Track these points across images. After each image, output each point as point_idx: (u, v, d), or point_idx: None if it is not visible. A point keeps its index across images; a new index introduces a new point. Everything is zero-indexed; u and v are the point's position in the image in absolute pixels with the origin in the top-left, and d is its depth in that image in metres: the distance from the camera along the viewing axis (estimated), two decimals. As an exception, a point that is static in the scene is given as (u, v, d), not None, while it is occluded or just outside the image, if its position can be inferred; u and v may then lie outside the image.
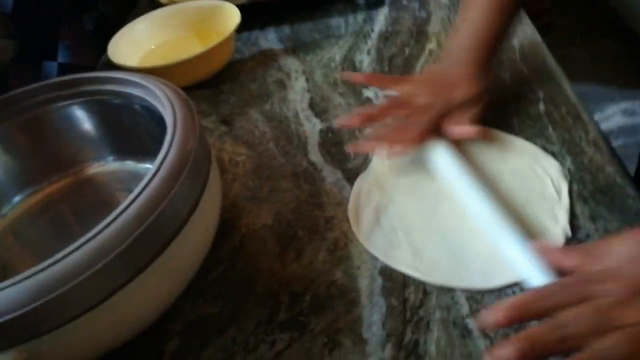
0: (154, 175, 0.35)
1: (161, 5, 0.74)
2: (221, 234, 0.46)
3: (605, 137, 0.48)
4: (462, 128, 0.47)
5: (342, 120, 0.51)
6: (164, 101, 0.41)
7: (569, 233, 0.39)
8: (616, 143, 1.42)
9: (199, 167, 0.38)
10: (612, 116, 1.49)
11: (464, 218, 0.42)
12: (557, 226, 0.40)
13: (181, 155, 0.36)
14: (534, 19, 0.67)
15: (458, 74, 0.49)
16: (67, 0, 0.72)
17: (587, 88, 1.63)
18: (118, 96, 0.44)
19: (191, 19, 0.72)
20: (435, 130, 0.47)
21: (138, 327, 0.38)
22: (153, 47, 0.70)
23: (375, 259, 0.41)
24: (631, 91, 1.58)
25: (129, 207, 0.33)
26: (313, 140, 0.54)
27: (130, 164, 0.49)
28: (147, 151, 0.44)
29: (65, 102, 0.46)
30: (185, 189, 0.36)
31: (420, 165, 0.48)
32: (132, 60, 0.67)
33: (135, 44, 0.69)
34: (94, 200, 0.48)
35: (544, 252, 0.36)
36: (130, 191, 0.33)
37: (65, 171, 0.48)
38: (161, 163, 0.35)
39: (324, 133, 0.55)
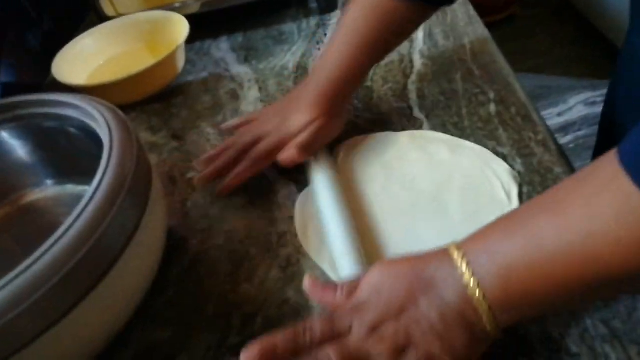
0: (90, 201, 0.33)
1: (109, 18, 0.72)
2: (171, 256, 0.44)
3: (554, 137, 0.48)
4: (283, 154, 0.47)
5: (197, 164, 0.51)
6: (100, 122, 0.40)
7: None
8: (579, 134, 1.45)
9: (138, 188, 0.37)
10: (575, 107, 1.52)
11: (414, 226, 0.42)
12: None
13: (117, 178, 0.35)
14: (498, 11, 0.67)
15: (302, 100, 0.49)
16: (8, 17, 0.69)
17: (550, 80, 1.65)
18: (53, 119, 0.43)
19: (140, 31, 0.70)
20: (268, 160, 0.48)
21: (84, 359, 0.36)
22: (102, 62, 0.68)
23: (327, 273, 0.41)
24: (592, 81, 1.60)
25: (63, 237, 0.31)
26: (266, 152, 0.53)
27: (70, 187, 0.47)
28: (88, 173, 0.43)
29: (-2, 128, 0.44)
30: (123, 213, 0.34)
31: (371, 167, 0.47)
32: (79, 77, 0.65)
33: (83, 60, 0.67)
34: (36, 228, 0.46)
35: (311, 290, 0.36)
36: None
37: (3, 200, 0.46)
38: (97, 187, 0.34)
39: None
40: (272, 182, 0.50)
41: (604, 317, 0.34)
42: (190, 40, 0.66)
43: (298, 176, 0.50)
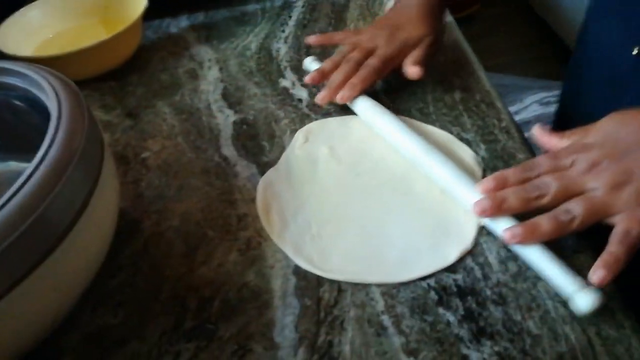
0: (31, 174, 0.31)
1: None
2: (123, 238, 0.42)
3: (517, 124, 0.48)
4: (408, 70, 0.49)
5: (307, 78, 0.51)
6: (49, 92, 0.37)
7: (481, 222, 0.39)
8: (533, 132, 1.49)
9: (89, 164, 0.34)
10: (530, 106, 1.55)
11: (380, 209, 0.41)
12: (470, 214, 0.39)
13: (65, 151, 0.32)
14: (459, 9, 0.68)
15: (406, 16, 0.51)
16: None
17: (508, 80, 1.69)
18: (-4, 88, 0.39)
19: (94, 5, 0.66)
20: (384, 71, 0.50)
21: (25, 344, 0.33)
22: (51, 35, 0.64)
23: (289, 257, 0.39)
24: (548, 82, 1.65)
25: (2, 208, 0.29)
26: (226, 133, 0.51)
27: (13, 165, 0.43)
28: (33, 149, 0.40)
29: None
30: (70, 189, 0.32)
31: (334, 155, 0.46)
32: (25, 50, 0.61)
33: (29, 32, 0.62)
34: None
35: (538, 134, 0.40)
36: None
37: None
38: (41, 160, 0.31)
39: (238, 125, 0.52)
40: (232, 164, 0.48)
41: (564, 299, 0.34)
42: (148, 17, 0.63)
43: (259, 157, 0.48)
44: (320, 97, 0.49)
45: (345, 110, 0.51)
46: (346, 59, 0.50)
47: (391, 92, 0.53)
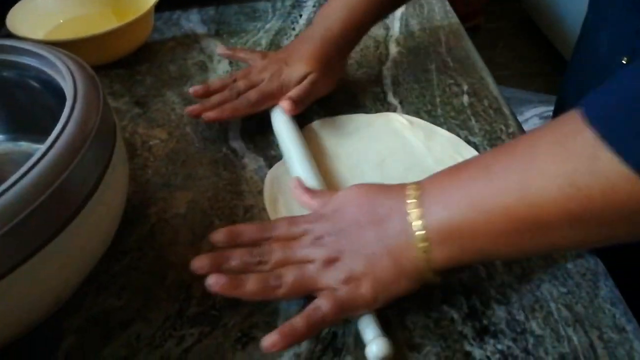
0: (47, 151, 0.31)
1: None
2: (129, 223, 0.42)
3: (524, 131, 0.49)
4: (281, 102, 0.49)
5: (191, 90, 0.51)
6: (64, 73, 0.37)
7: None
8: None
9: (101, 146, 0.34)
10: (530, 119, 1.57)
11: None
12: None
13: (80, 131, 0.32)
14: (463, 20, 0.68)
15: (297, 52, 0.51)
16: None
17: (508, 92, 1.70)
18: (10, 67, 0.39)
19: (106, -7, 0.67)
20: (260, 105, 0.49)
21: (28, 323, 0.33)
22: (62, 21, 0.64)
23: (295, 249, 0.39)
24: (548, 96, 1.66)
25: (13, 186, 0.29)
26: (235, 126, 0.51)
27: (24, 145, 0.43)
28: (45, 131, 0.40)
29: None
30: (82, 169, 0.32)
31: (337, 152, 0.47)
32: (36, 34, 0.61)
33: (41, 16, 0.63)
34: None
35: (294, 188, 0.41)
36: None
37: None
38: (55, 139, 0.31)
39: (247, 119, 0.52)
40: (240, 157, 0.48)
41: (567, 302, 0.35)
42: (159, 9, 0.63)
43: (267, 151, 0.48)
44: (190, 109, 0.49)
45: (352, 108, 0.52)
46: (230, 87, 0.50)
47: (400, 93, 0.54)
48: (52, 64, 0.38)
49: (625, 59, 0.42)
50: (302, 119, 0.51)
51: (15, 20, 0.59)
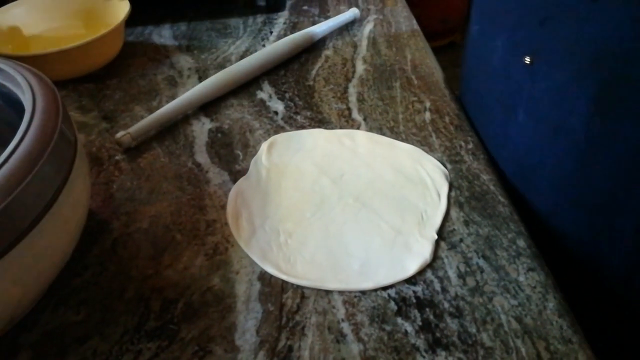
0: (1, 165, 0.31)
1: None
2: (91, 237, 0.42)
3: (484, 146, 0.50)
4: None
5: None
6: (23, 87, 0.37)
7: (435, 236, 0.41)
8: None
9: (60, 160, 0.35)
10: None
11: (343, 220, 0.42)
12: (428, 230, 0.41)
13: (36, 146, 0.33)
14: (439, 37, 0.70)
15: None
16: None
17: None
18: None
19: (78, 8, 0.67)
20: None
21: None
22: (31, 34, 0.65)
23: (256, 263, 0.40)
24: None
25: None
26: (201, 140, 0.52)
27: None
28: (4, 143, 0.40)
29: None
30: (39, 183, 0.32)
31: (300, 167, 0.47)
32: (5, 48, 0.61)
33: (10, 29, 0.63)
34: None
35: None
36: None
37: None
38: (11, 153, 0.32)
39: (213, 133, 0.53)
40: (205, 171, 0.48)
41: (517, 314, 0.36)
42: (131, 24, 0.64)
43: (232, 165, 0.49)
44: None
45: (317, 124, 0.53)
46: None
47: (364, 109, 0.55)
48: (12, 77, 0.39)
49: (527, 58, 0.44)
50: (264, 134, 0.52)
51: (-17, 33, 0.59)
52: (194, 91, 0.55)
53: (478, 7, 0.52)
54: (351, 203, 0.44)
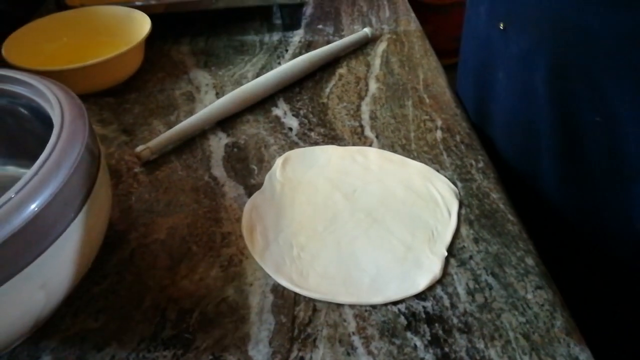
0: (31, 178, 0.32)
1: (67, 7, 0.70)
2: (111, 247, 0.44)
3: (493, 165, 0.51)
4: None
5: None
6: (53, 102, 0.39)
7: (445, 253, 0.41)
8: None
9: (85, 173, 0.36)
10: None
11: (355, 234, 0.43)
12: (439, 246, 0.42)
13: (64, 160, 0.34)
14: (449, 55, 0.72)
15: None
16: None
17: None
18: (2, 95, 0.41)
19: (101, 24, 0.69)
20: None
21: (5, 344, 0.34)
22: (56, 50, 0.67)
23: (269, 275, 0.41)
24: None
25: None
26: (217, 154, 0.54)
27: (11, 169, 0.45)
28: (32, 156, 0.42)
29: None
30: (65, 195, 0.34)
31: (313, 182, 0.49)
32: (30, 62, 0.63)
33: (36, 45, 0.65)
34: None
35: None
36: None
37: None
38: (41, 166, 0.33)
39: (229, 148, 0.54)
40: (221, 185, 0.50)
41: (525, 331, 0.37)
42: (150, 38, 0.66)
43: (247, 180, 0.50)
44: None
45: (331, 141, 0.54)
46: None
47: (377, 127, 0.56)
48: (42, 93, 0.40)
49: (501, 24, 0.49)
50: (279, 149, 0.53)
51: (11, 48, 0.61)
52: (212, 108, 0.56)
53: None
54: (363, 218, 0.45)
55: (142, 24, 0.66)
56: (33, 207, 0.31)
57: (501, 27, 0.49)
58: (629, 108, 0.42)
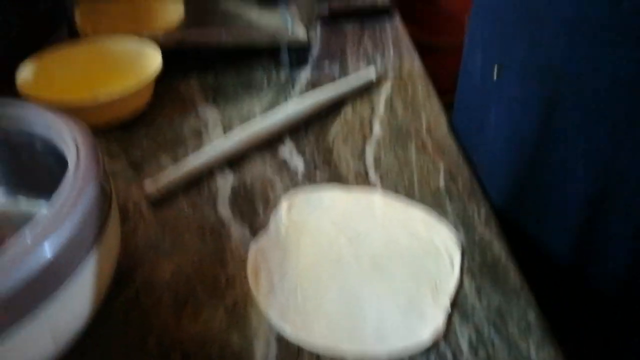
0: (43, 220, 0.33)
1: (79, 36, 0.72)
2: (116, 285, 0.44)
3: (496, 216, 0.52)
4: None
5: None
6: (68, 140, 0.40)
7: (449, 307, 0.42)
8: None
9: (98, 210, 0.37)
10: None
11: (358, 282, 0.44)
12: (442, 298, 0.42)
13: (79, 200, 0.35)
14: (452, 93, 0.73)
15: None
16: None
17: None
18: (17, 128, 0.43)
19: (112, 56, 0.71)
20: None
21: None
22: (68, 79, 0.68)
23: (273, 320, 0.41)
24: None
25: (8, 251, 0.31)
26: (224, 194, 0.54)
27: (22, 200, 0.46)
28: (43, 188, 0.43)
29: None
30: (77, 236, 0.34)
31: (317, 225, 0.49)
32: (43, 92, 0.64)
33: (49, 74, 0.66)
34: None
35: None
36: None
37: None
38: (55, 207, 0.34)
39: (236, 188, 0.55)
40: (227, 225, 0.50)
41: None
42: (159, 72, 0.67)
43: (254, 221, 0.51)
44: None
45: (335, 182, 0.55)
46: None
47: (381, 169, 0.57)
48: (58, 129, 0.41)
49: (495, 72, 0.50)
50: (285, 189, 0.54)
51: (25, 77, 0.63)
52: (221, 147, 0.57)
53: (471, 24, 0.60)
54: (367, 263, 0.45)
55: (153, 59, 0.67)
56: (47, 251, 0.32)
57: (495, 74, 0.51)
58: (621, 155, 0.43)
